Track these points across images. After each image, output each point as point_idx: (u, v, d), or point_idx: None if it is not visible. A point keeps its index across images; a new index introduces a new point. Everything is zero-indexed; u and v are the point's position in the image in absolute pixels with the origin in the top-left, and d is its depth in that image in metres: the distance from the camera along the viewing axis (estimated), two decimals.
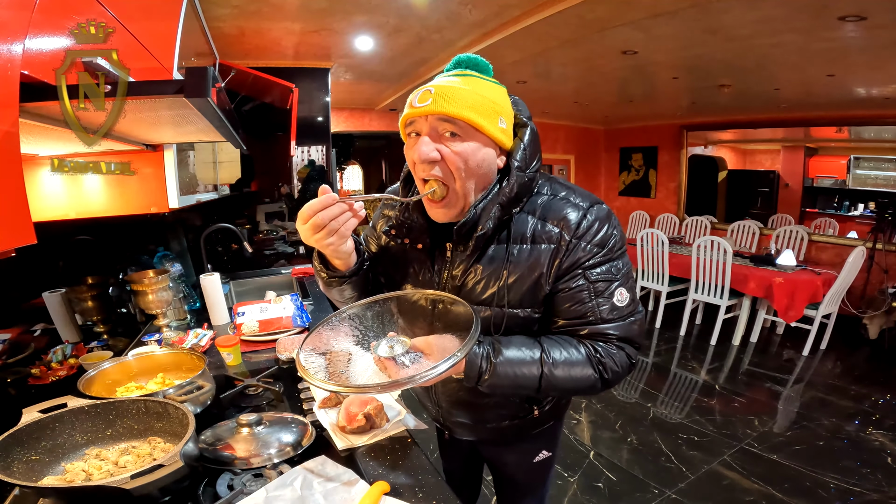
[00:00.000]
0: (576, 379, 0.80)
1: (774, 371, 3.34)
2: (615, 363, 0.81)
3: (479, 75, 0.80)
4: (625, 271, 0.82)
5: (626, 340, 0.82)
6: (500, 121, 0.78)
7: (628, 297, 0.82)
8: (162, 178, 1.32)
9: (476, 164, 0.77)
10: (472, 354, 0.76)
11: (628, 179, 6.58)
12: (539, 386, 0.79)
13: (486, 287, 0.83)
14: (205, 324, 1.82)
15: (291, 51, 2.99)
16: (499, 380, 0.77)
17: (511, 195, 0.79)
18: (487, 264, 0.83)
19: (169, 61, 1.09)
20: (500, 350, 0.78)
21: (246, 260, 2.75)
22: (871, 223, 4.12)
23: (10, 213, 0.55)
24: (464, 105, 0.74)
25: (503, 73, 3.60)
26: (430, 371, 0.66)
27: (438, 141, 0.77)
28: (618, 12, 2.35)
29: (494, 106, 0.77)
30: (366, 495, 0.79)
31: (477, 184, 0.80)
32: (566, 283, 0.81)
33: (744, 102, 4.38)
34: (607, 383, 0.82)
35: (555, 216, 0.81)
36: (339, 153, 6.56)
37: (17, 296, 1.46)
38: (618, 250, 0.82)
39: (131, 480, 0.69)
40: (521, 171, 0.80)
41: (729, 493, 2.07)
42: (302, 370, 0.72)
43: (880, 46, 2.55)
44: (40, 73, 0.60)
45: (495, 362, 0.77)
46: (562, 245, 0.79)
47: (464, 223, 0.80)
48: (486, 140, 0.78)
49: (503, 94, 0.81)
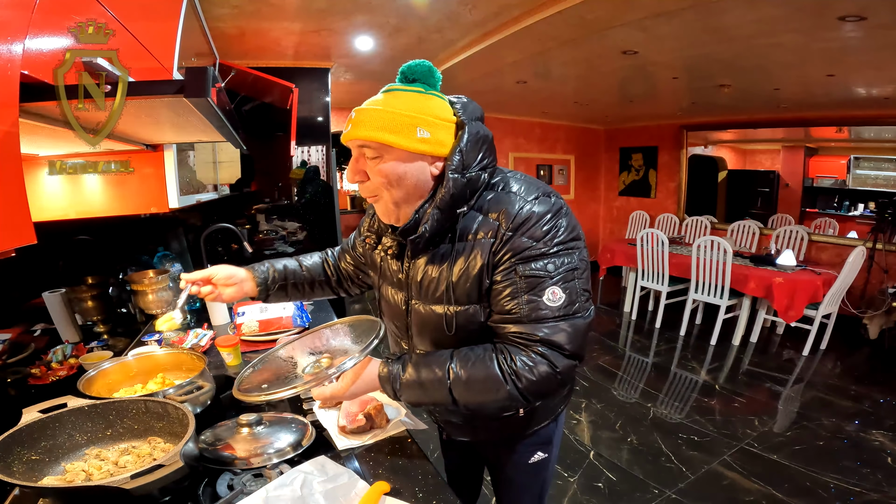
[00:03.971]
0: (487, 392, 0.78)
1: (774, 371, 3.34)
2: (532, 374, 0.76)
3: (403, 88, 0.81)
4: (565, 269, 0.78)
5: (553, 345, 0.77)
6: (420, 131, 0.78)
7: (563, 298, 0.77)
8: (162, 178, 1.32)
9: (397, 179, 0.80)
10: (385, 372, 0.84)
11: (628, 179, 6.57)
12: (452, 398, 0.80)
13: (437, 286, 0.85)
14: (205, 324, 1.82)
15: (291, 51, 2.98)
16: (412, 395, 0.82)
17: (447, 198, 0.80)
18: (438, 263, 0.85)
19: (169, 61, 1.09)
20: (410, 368, 0.82)
21: (246, 260, 2.74)
22: (871, 223, 4.12)
23: (10, 213, 0.55)
24: (374, 127, 0.77)
25: (503, 73, 3.61)
26: (330, 371, 0.78)
27: (363, 162, 0.83)
28: (618, 12, 2.35)
29: (410, 119, 0.78)
30: (366, 495, 0.79)
31: (410, 193, 0.82)
32: (500, 276, 0.80)
33: (744, 102, 4.38)
34: (527, 394, 0.77)
35: (497, 209, 0.82)
36: (339, 153, 6.55)
37: (17, 296, 1.45)
38: (557, 245, 0.78)
39: (131, 480, 0.69)
40: (456, 172, 0.80)
41: (729, 493, 2.07)
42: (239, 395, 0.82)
43: (880, 46, 2.55)
44: (40, 73, 0.59)
45: (403, 380, 0.82)
46: (498, 237, 0.80)
47: (405, 228, 0.84)
48: (405, 154, 0.79)
49: (426, 102, 0.81)
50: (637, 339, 4.12)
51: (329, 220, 3.32)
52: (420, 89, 0.82)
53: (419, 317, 0.91)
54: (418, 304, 0.90)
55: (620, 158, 6.61)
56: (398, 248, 0.93)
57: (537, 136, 6.23)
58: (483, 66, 3.26)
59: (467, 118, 0.83)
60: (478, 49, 2.85)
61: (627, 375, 3.39)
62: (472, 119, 0.84)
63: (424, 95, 0.81)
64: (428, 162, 0.82)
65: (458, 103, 0.85)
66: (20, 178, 0.56)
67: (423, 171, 0.82)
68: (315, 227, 3.29)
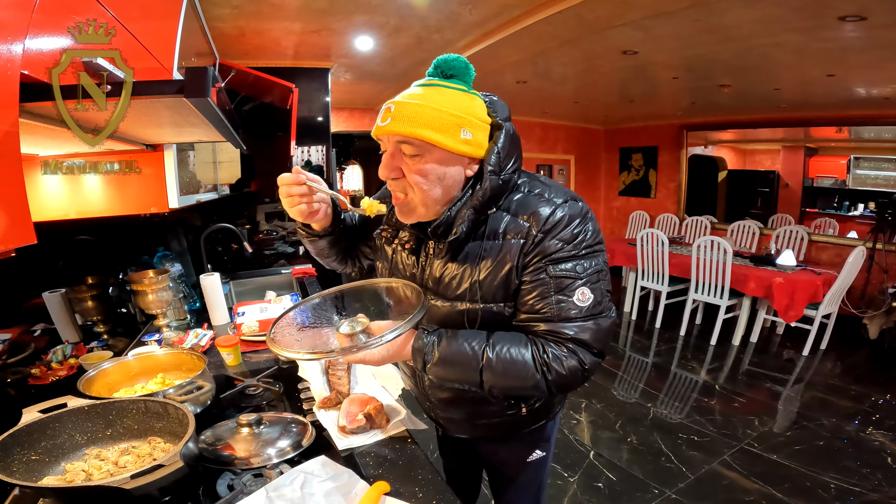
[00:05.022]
0: (516, 377, 0.79)
1: (774, 371, 3.34)
2: (562, 367, 0.79)
3: (445, 84, 0.79)
4: (592, 271, 0.80)
5: (582, 343, 0.79)
6: (463, 132, 0.77)
7: (592, 298, 0.79)
8: (162, 178, 1.32)
9: (436, 180, 0.80)
10: (420, 343, 0.82)
11: (628, 179, 6.57)
12: (480, 379, 0.80)
13: (460, 283, 0.85)
14: (205, 324, 1.82)
15: (291, 51, 2.99)
16: (442, 369, 0.81)
17: (484, 199, 0.80)
18: (463, 261, 0.85)
19: (169, 61, 1.09)
20: (445, 341, 0.81)
21: (246, 260, 2.75)
22: (871, 223, 4.12)
23: (10, 213, 0.55)
24: (420, 123, 0.75)
25: (503, 73, 3.61)
26: (372, 341, 0.74)
27: (399, 159, 0.80)
28: (618, 12, 2.35)
29: (456, 119, 0.77)
30: (366, 495, 0.79)
31: (442, 193, 0.82)
32: (529, 276, 0.81)
33: (744, 102, 4.38)
34: (553, 386, 0.80)
35: (526, 211, 0.82)
36: (339, 153, 6.56)
37: (17, 296, 1.46)
38: (586, 248, 0.80)
39: (131, 480, 0.69)
40: (494, 174, 0.80)
41: (729, 493, 2.07)
42: (272, 343, 0.78)
43: (880, 46, 2.55)
44: (40, 73, 0.60)
45: (438, 351, 0.80)
46: (528, 238, 0.80)
47: (438, 224, 0.83)
48: (447, 155, 0.78)
49: (470, 101, 0.80)
50: (637, 339, 4.12)
51: None
52: (463, 87, 0.80)
53: (435, 312, 0.90)
54: (435, 299, 0.89)
55: (620, 158, 6.61)
56: (416, 243, 0.92)
57: (537, 136, 6.23)
58: (483, 66, 3.24)
59: (500, 118, 0.83)
60: (478, 49, 2.85)
61: (627, 375, 3.39)
62: (504, 119, 0.84)
63: (469, 95, 0.80)
64: (465, 164, 0.81)
65: (489, 103, 0.84)
66: (20, 178, 0.56)
67: (460, 172, 0.81)
68: None
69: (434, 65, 0.81)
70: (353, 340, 0.78)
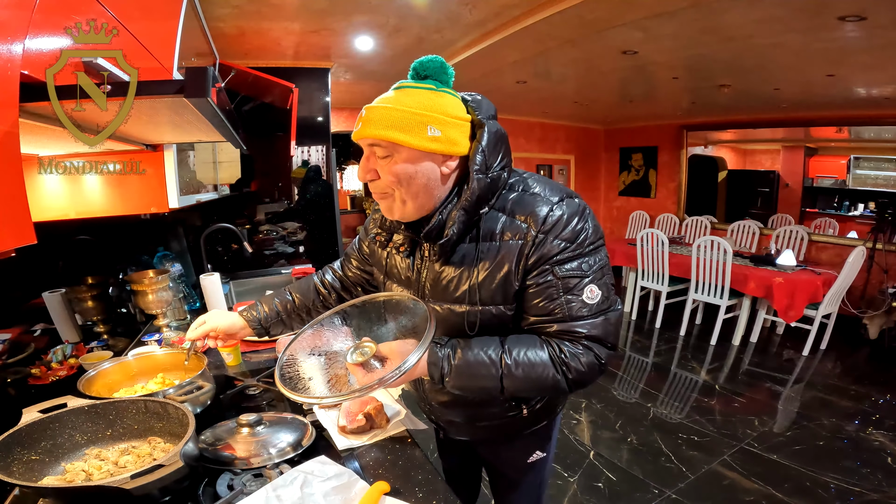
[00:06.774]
0: (537, 380, 0.79)
1: (774, 371, 3.34)
2: (581, 364, 0.80)
3: (414, 85, 0.80)
4: (597, 267, 0.81)
5: (596, 339, 0.81)
6: (430, 129, 0.77)
7: (600, 295, 0.80)
8: (162, 178, 1.32)
9: (407, 178, 0.80)
10: (434, 356, 0.81)
11: (628, 179, 6.57)
12: (501, 386, 0.80)
13: (458, 285, 0.85)
14: None
15: (291, 51, 2.98)
16: (460, 381, 0.81)
17: (473, 199, 0.80)
18: (459, 263, 0.84)
19: (169, 61, 1.09)
20: (460, 352, 0.80)
21: (246, 260, 2.75)
22: (871, 223, 4.12)
23: (10, 213, 0.55)
24: (386, 125, 0.76)
25: (503, 73, 3.61)
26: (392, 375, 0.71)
27: (374, 161, 0.82)
28: (618, 12, 2.35)
29: (420, 117, 0.77)
30: (366, 495, 0.79)
31: (419, 192, 0.81)
32: (534, 279, 0.81)
33: (744, 102, 4.38)
34: (573, 384, 0.81)
35: (523, 211, 0.81)
36: (339, 153, 6.54)
37: (17, 296, 1.45)
38: (589, 245, 0.81)
39: (131, 480, 0.69)
40: (480, 173, 0.80)
41: (729, 493, 2.07)
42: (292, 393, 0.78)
43: (880, 46, 2.55)
44: (40, 74, 0.59)
45: (454, 364, 0.80)
46: (528, 240, 0.80)
47: (430, 229, 0.83)
48: (416, 154, 0.78)
49: (438, 99, 0.79)
50: (637, 339, 4.12)
51: (329, 219, 3.32)
52: (431, 86, 0.80)
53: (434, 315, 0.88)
54: (433, 303, 0.89)
55: (620, 158, 6.61)
56: (410, 245, 0.91)
57: (537, 136, 6.23)
58: (483, 66, 3.26)
59: (483, 116, 0.83)
60: (478, 49, 2.85)
61: (627, 375, 3.39)
62: (487, 117, 0.83)
63: (436, 93, 0.80)
64: (438, 161, 0.81)
65: (472, 101, 0.84)
66: (20, 178, 0.56)
67: (434, 170, 0.81)
68: (315, 226, 3.29)
69: (411, 68, 0.82)
70: (367, 369, 0.77)
